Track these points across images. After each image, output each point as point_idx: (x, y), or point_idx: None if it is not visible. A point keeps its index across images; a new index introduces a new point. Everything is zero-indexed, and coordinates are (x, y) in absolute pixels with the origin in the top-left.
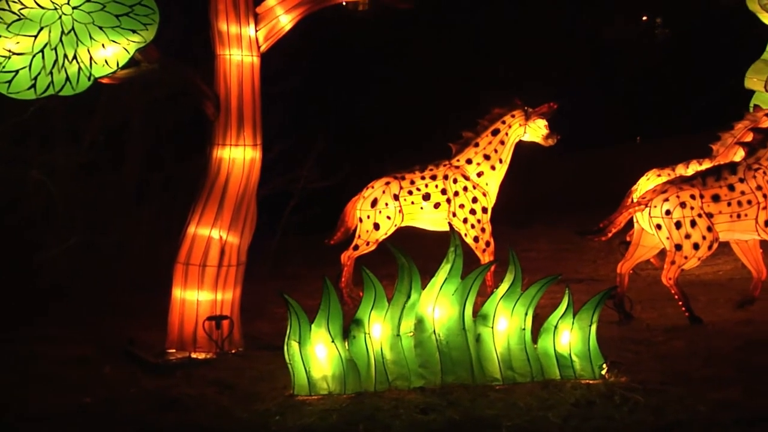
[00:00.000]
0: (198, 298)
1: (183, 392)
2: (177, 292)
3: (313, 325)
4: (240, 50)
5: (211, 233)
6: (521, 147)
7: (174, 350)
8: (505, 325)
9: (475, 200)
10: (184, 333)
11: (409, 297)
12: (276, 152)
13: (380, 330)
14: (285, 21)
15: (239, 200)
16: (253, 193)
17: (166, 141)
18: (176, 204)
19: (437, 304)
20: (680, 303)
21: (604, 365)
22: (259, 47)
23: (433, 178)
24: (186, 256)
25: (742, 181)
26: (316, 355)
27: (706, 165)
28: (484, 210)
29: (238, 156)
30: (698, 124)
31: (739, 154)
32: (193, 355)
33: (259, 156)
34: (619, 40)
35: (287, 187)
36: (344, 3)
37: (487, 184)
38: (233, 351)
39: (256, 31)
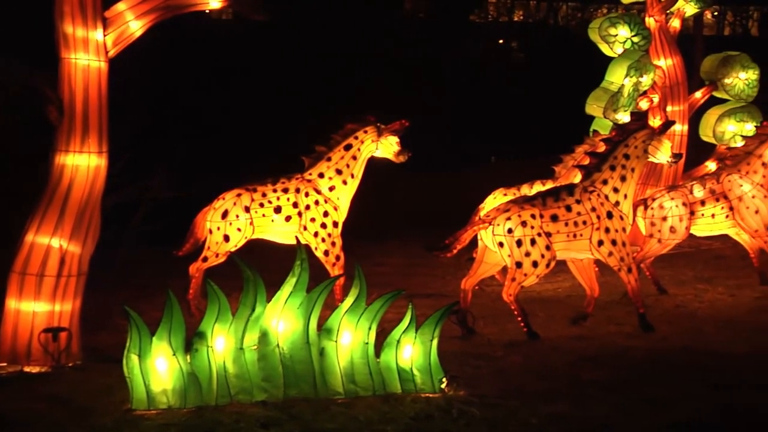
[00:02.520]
0: (34, 309)
1: (12, 408)
2: (11, 303)
3: (154, 338)
4: (86, 54)
5: (51, 242)
6: (379, 163)
7: (5, 364)
8: (349, 339)
9: (326, 214)
10: (17, 345)
11: (253, 310)
12: (125, 160)
13: (223, 343)
14: (135, 27)
15: (82, 208)
16: (98, 202)
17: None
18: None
19: (282, 318)
20: (519, 319)
21: (444, 379)
22: (107, 52)
23: (285, 191)
24: (23, 266)
25: (578, 202)
26: (157, 369)
27: (549, 186)
28: (335, 224)
29: (82, 163)
30: (547, 146)
31: (578, 177)
32: (26, 369)
33: (104, 164)
34: (475, 63)
35: (137, 197)
36: (207, 11)
37: (338, 199)
38: (71, 364)
39: (105, 35)
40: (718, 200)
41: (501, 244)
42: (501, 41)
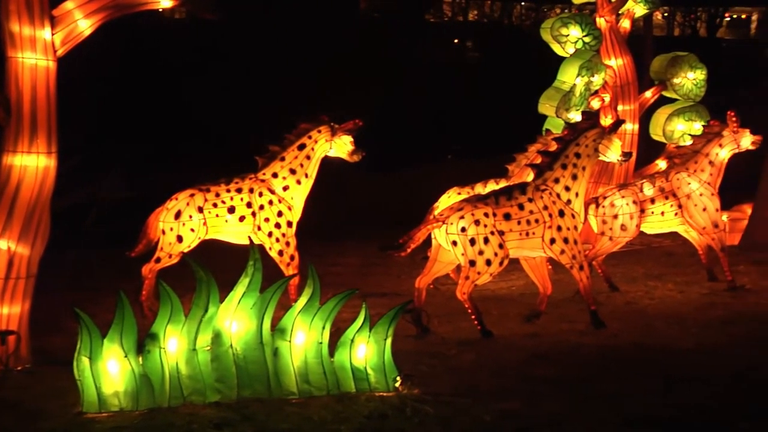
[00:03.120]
0: None
1: None
2: None
3: (105, 340)
4: (34, 53)
5: None
6: (336, 162)
7: None
8: (303, 339)
9: (280, 214)
10: None
11: (206, 311)
12: (78, 161)
13: (176, 344)
14: (84, 25)
15: (31, 209)
16: (47, 203)
17: None
18: None
19: (235, 318)
20: (473, 317)
21: (398, 378)
22: (55, 51)
23: (239, 191)
24: None
25: (530, 200)
26: (108, 371)
27: (503, 184)
28: (289, 224)
29: (31, 164)
30: (501, 145)
31: (531, 175)
32: None
33: (53, 164)
34: (431, 63)
35: (88, 198)
36: (160, 10)
37: (292, 198)
38: (19, 367)
39: (53, 34)
40: (668, 198)
41: (455, 243)
42: (456, 41)
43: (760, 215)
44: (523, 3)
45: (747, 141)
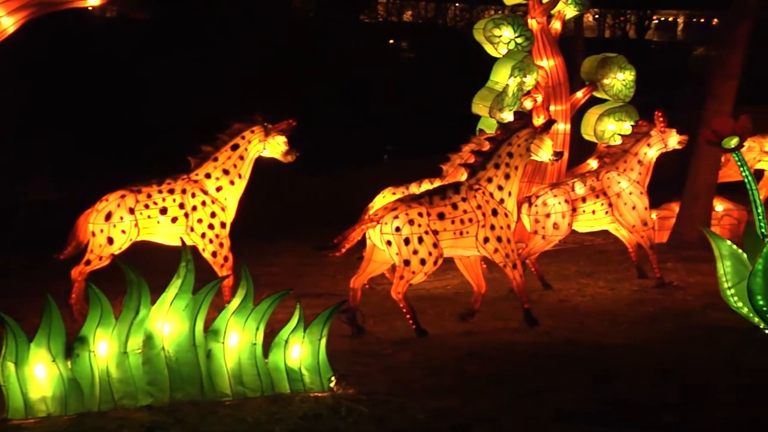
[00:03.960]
0: None
1: None
2: None
3: (32, 344)
4: None
5: None
6: (269, 162)
7: None
8: (237, 340)
9: (213, 215)
10: None
11: (137, 313)
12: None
13: (106, 347)
14: (7, 23)
15: None
16: None
17: None
18: None
19: (167, 320)
20: (408, 316)
21: (333, 378)
22: None
23: (171, 191)
24: None
25: (464, 200)
26: (35, 376)
27: (437, 184)
28: (223, 225)
29: None
30: (436, 145)
31: (465, 175)
32: None
33: None
34: (366, 63)
35: (15, 200)
36: (89, 8)
37: (225, 199)
38: None
39: None
40: (598, 197)
41: (389, 243)
42: (391, 41)
43: (688, 213)
44: (457, 4)
45: (674, 140)
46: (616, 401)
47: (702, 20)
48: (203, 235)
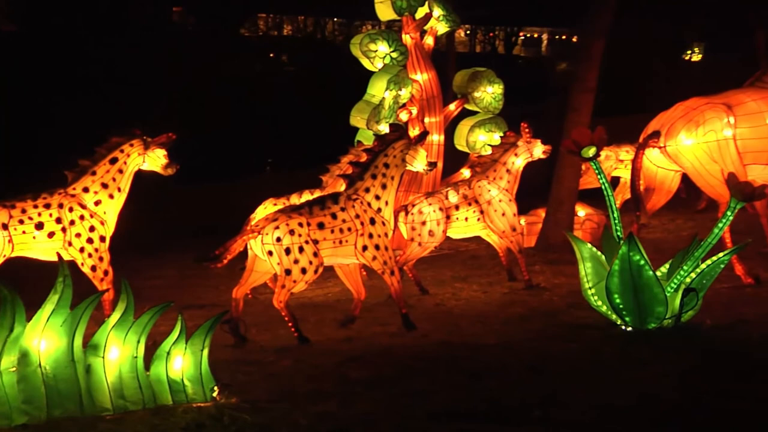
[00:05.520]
0: None
1: None
2: None
3: None
4: None
5: None
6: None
7: None
8: (117, 354)
9: (92, 229)
10: None
11: (11, 331)
12: None
13: None
14: None
15: None
16: None
17: None
18: None
19: (44, 336)
20: (290, 324)
21: (216, 387)
22: None
23: (47, 206)
24: None
25: (343, 210)
26: None
27: (317, 195)
28: (102, 239)
29: None
30: (317, 156)
31: (343, 186)
32: None
33: None
34: (247, 75)
35: None
36: None
37: (105, 213)
38: None
39: None
40: (471, 204)
41: (270, 253)
42: (272, 55)
43: (553, 218)
44: (335, 19)
45: (539, 150)
46: (488, 398)
47: (564, 37)
48: (82, 250)
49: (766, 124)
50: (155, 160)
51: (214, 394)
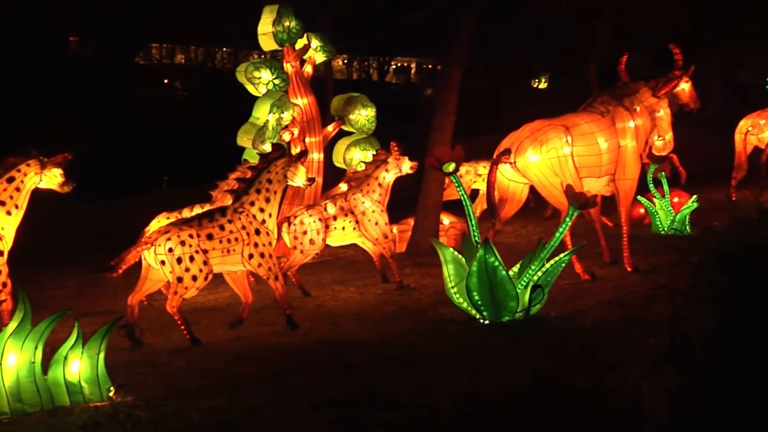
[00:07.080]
0: None
1: None
2: None
3: None
4: None
5: None
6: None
7: None
8: (15, 360)
9: None
10: None
11: None
12: None
13: None
14: None
15: None
16: None
17: None
18: None
19: None
20: (183, 327)
21: (112, 388)
22: None
23: None
24: None
25: (230, 222)
26: None
27: (207, 209)
28: (0, 253)
29: None
30: (208, 174)
31: (230, 200)
32: None
33: None
34: (142, 100)
35: None
36: None
37: (3, 229)
38: None
39: None
40: (347, 215)
41: (163, 262)
42: (166, 81)
43: (421, 227)
44: (224, 49)
45: (407, 166)
46: (364, 389)
47: (430, 66)
48: None
49: (596, 143)
50: (52, 179)
51: (111, 394)
